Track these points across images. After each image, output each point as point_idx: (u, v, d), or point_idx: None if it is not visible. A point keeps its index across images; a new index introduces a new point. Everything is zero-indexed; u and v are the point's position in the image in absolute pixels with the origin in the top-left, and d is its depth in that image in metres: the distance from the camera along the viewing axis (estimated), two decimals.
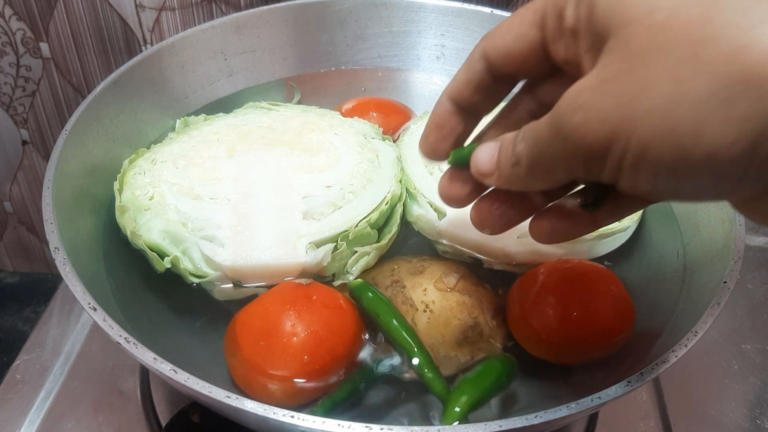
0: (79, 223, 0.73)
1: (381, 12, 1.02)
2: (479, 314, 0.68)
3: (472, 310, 0.68)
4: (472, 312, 0.68)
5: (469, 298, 0.69)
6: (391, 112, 0.93)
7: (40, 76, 1.27)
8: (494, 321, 0.69)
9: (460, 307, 0.68)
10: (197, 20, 1.17)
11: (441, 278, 0.70)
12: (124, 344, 0.55)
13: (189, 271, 0.69)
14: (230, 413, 0.55)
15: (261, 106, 0.89)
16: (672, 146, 0.35)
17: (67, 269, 0.61)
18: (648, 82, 0.35)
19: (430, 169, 0.81)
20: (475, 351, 0.66)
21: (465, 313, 0.67)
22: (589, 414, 0.79)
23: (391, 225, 0.76)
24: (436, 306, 0.68)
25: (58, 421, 0.79)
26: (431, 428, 0.51)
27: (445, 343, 0.66)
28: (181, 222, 0.71)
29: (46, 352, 0.87)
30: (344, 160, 0.79)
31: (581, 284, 0.66)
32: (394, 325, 0.65)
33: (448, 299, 0.68)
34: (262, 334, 0.62)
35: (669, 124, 0.34)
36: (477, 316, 0.68)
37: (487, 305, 0.69)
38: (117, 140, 0.83)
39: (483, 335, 0.67)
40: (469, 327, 0.67)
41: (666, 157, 0.35)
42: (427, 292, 0.68)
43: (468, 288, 0.69)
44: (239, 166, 0.77)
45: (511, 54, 0.46)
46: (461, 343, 0.66)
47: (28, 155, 1.39)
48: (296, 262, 0.69)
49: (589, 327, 0.65)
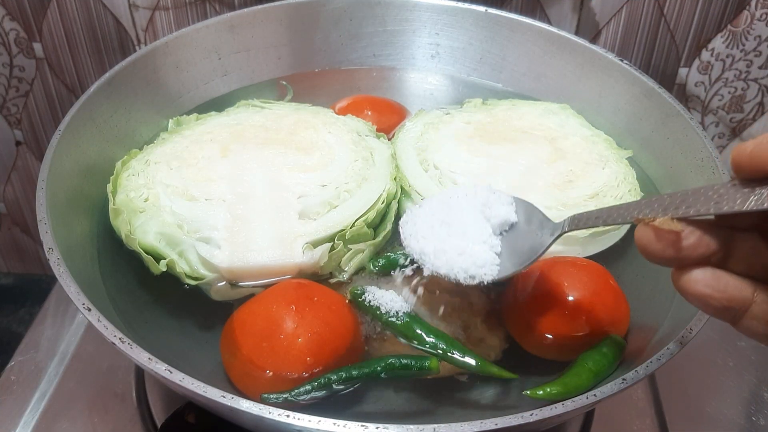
0: (73, 223, 0.72)
1: (375, 11, 1.02)
2: (469, 317, 0.68)
3: (461, 313, 0.68)
4: (462, 315, 0.67)
5: (459, 300, 0.68)
6: (385, 110, 0.93)
7: (33, 77, 1.26)
8: (486, 324, 0.68)
9: (449, 310, 0.68)
10: (191, 20, 1.16)
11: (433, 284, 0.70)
12: (119, 344, 0.55)
13: (186, 274, 0.69)
14: (226, 413, 0.55)
15: (253, 104, 0.89)
16: None
17: (61, 270, 0.61)
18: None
19: (425, 166, 0.81)
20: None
21: (455, 317, 0.67)
22: (585, 411, 0.79)
23: (385, 222, 0.76)
24: (426, 308, 0.68)
25: (53, 422, 0.79)
26: (427, 427, 0.51)
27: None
28: (177, 224, 0.71)
29: (40, 353, 0.87)
30: (338, 159, 0.79)
31: (576, 281, 0.67)
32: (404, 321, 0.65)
33: (438, 302, 0.68)
34: (263, 335, 0.62)
35: None
36: (467, 320, 0.67)
37: (478, 308, 0.69)
38: (111, 140, 0.83)
39: (473, 339, 0.67)
40: (458, 330, 0.67)
41: None
42: (418, 294, 0.68)
43: (459, 291, 0.69)
44: (233, 166, 0.77)
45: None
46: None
47: (21, 156, 1.39)
48: (293, 262, 0.69)
49: (584, 323, 0.65)
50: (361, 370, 0.62)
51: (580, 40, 0.94)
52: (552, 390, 0.60)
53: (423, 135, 0.86)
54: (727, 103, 1.21)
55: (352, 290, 0.69)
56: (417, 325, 0.65)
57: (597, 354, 0.63)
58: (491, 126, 0.87)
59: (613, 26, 1.14)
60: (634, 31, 1.14)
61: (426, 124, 0.88)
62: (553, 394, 0.59)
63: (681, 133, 0.82)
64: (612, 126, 0.91)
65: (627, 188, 0.80)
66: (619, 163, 0.83)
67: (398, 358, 0.62)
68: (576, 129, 0.89)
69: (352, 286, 0.70)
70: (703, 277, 0.44)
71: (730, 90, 1.19)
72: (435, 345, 0.64)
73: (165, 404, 0.79)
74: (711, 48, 1.15)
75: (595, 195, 0.78)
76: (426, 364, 0.62)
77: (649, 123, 0.88)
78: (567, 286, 0.66)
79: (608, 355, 0.63)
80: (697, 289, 0.45)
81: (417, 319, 0.66)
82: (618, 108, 0.91)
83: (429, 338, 0.64)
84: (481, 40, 1.00)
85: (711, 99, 1.21)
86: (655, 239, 0.45)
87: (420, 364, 0.62)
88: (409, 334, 0.65)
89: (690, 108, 1.21)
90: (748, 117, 1.22)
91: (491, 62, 1.01)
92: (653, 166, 0.87)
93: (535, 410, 0.52)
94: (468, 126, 0.87)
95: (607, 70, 0.92)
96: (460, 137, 0.85)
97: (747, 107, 1.21)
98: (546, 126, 0.88)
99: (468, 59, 1.02)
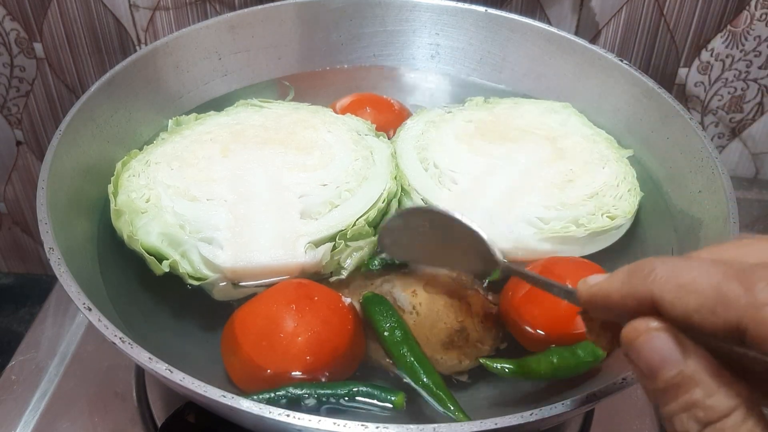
0: (74, 223, 0.73)
1: (376, 11, 1.02)
2: (466, 318, 0.68)
3: (459, 314, 0.68)
4: (459, 316, 0.67)
5: (457, 301, 0.69)
6: (387, 109, 0.93)
7: (34, 77, 1.26)
8: (483, 325, 0.69)
9: (447, 311, 0.68)
10: (191, 20, 1.16)
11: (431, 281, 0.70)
12: (119, 344, 0.55)
13: (188, 274, 0.69)
14: (226, 413, 0.55)
15: (252, 103, 0.89)
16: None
17: (61, 269, 0.61)
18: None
19: (425, 165, 0.81)
20: (462, 356, 0.66)
21: (452, 317, 0.67)
22: (584, 411, 0.80)
23: None
24: (423, 308, 0.68)
25: (54, 422, 0.79)
26: (427, 427, 0.51)
27: (430, 345, 0.66)
28: (179, 224, 0.71)
29: (41, 353, 0.87)
30: (338, 158, 0.79)
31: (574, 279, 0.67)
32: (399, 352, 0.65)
33: (436, 302, 0.68)
34: (264, 334, 0.62)
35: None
36: (464, 321, 0.67)
37: (476, 309, 0.69)
38: (111, 140, 0.83)
39: (470, 340, 0.67)
40: (456, 331, 0.67)
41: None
42: (416, 294, 0.68)
43: (457, 291, 0.70)
44: (234, 166, 0.77)
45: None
46: (447, 346, 0.66)
47: (22, 156, 1.39)
48: (296, 262, 0.69)
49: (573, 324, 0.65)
50: (324, 390, 0.61)
51: (580, 41, 0.94)
52: (505, 366, 0.63)
53: (424, 134, 0.86)
54: (727, 103, 1.21)
55: (364, 295, 0.69)
56: (405, 348, 0.64)
57: (567, 351, 0.63)
58: (492, 125, 0.87)
59: (613, 26, 1.14)
60: (633, 32, 1.14)
61: (427, 122, 0.88)
62: (505, 371, 0.62)
63: (681, 134, 0.83)
64: (612, 126, 0.91)
65: (627, 188, 0.80)
66: (619, 162, 0.83)
67: (365, 385, 0.62)
68: (577, 128, 0.89)
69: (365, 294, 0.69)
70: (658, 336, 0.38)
71: (730, 90, 1.19)
72: (413, 373, 0.63)
73: (165, 404, 0.80)
74: (711, 48, 1.15)
75: (594, 195, 0.78)
76: (391, 398, 0.61)
77: (648, 123, 0.88)
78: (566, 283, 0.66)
79: (578, 356, 0.63)
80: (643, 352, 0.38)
81: (410, 343, 0.65)
82: (618, 108, 0.91)
83: (410, 362, 0.63)
84: (481, 41, 1.00)
85: (711, 99, 1.21)
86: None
87: (384, 396, 0.61)
88: (394, 354, 0.64)
89: (690, 108, 1.22)
90: (748, 117, 1.22)
91: (491, 62, 1.01)
92: (653, 166, 0.87)
93: (535, 410, 0.53)
94: (469, 124, 0.87)
95: (607, 70, 0.92)
96: (460, 136, 0.85)
97: (747, 107, 1.21)
98: (547, 125, 0.88)
99: (468, 59, 1.02)
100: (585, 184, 0.79)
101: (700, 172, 0.79)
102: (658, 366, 0.37)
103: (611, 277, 0.41)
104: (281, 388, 0.60)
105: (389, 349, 0.65)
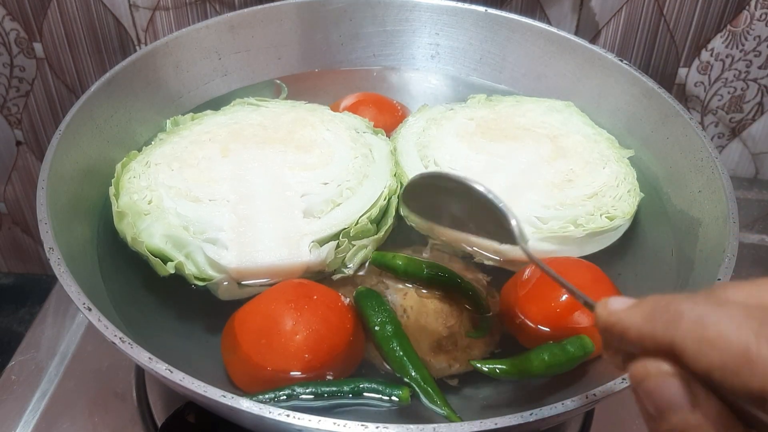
0: (74, 223, 0.73)
1: (375, 11, 1.02)
2: (456, 324, 0.68)
3: (448, 319, 0.67)
4: (448, 321, 0.67)
5: (448, 306, 0.68)
6: (386, 109, 0.93)
7: (33, 77, 1.26)
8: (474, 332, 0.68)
9: (436, 315, 0.68)
10: (191, 20, 1.16)
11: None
12: (119, 344, 0.55)
13: (193, 275, 0.69)
14: (226, 413, 0.55)
15: (249, 102, 0.89)
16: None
17: (61, 269, 0.61)
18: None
19: (425, 162, 0.81)
20: (452, 360, 0.66)
21: (440, 322, 0.67)
22: (584, 411, 0.80)
23: (387, 218, 0.77)
24: (413, 311, 0.68)
25: (54, 422, 0.79)
26: (427, 427, 0.51)
27: (420, 348, 0.66)
28: (183, 226, 0.71)
29: (41, 353, 0.87)
30: (338, 156, 0.79)
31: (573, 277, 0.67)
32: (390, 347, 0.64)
33: (426, 306, 0.68)
34: (263, 332, 0.62)
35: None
36: (453, 326, 0.67)
37: (468, 315, 0.69)
38: (111, 140, 0.83)
39: (458, 345, 0.67)
40: (443, 337, 0.66)
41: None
42: (407, 297, 0.68)
43: (450, 296, 0.69)
44: (235, 166, 0.77)
45: None
46: (436, 350, 0.66)
47: (22, 156, 1.39)
48: (301, 261, 0.69)
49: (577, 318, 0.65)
50: (329, 388, 0.61)
51: (579, 41, 0.94)
52: (497, 367, 0.63)
53: (425, 131, 0.86)
54: (727, 103, 1.21)
55: (357, 290, 0.69)
56: (395, 343, 0.64)
57: (557, 347, 0.63)
58: (494, 123, 0.87)
59: (613, 26, 1.14)
60: (633, 32, 1.14)
61: (429, 119, 0.88)
62: (496, 371, 0.62)
63: (680, 133, 0.83)
64: (611, 126, 0.91)
65: (626, 189, 0.80)
66: (619, 162, 0.83)
67: (369, 381, 0.62)
68: (578, 127, 0.89)
69: (358, 288, 0.69)
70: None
71: (730, 90, 1.19)
72: (402, 368, 0.63)
73: (165, 404, 0.80)
74: (710, 48, 1.15)
75: (594, 195, 0.78)
76: (396, 393, 0.61)
77: (648, 123, 0.88)
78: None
79: (569, 352, 0.63)
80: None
81: (400, 338, 0.65)
82: (618, 108, 0.91)
83: (400, 358, 0.63)
84: (481, 40, 1.00)
85: (710, 99, 1.21)
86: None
87: (390, 390, 0.61)
88: (384, 348, 0.64)
89: (689, 108, 1.22)
90: (748, 117, 1.22)
91: (491, 62, 1.01)
92: (653, 166, 0.87)
93: (535, 410, 0.53)
94: (470, 122, 0.87)
95: (607, 70, 0.92)
96: (461, 134, 0.85)
97: (746, 107, 1.21)
98: (548, 124, 0.88)
99: (468, 59, 1.02)
100: (585, 184, 0.79)
101: (700, 172, 0.79)
102: (664, 409, 0.37)
103: (632, 311, 0.39)
104: (285, 387, 0.60)
105: (379, 343, 0.65)
